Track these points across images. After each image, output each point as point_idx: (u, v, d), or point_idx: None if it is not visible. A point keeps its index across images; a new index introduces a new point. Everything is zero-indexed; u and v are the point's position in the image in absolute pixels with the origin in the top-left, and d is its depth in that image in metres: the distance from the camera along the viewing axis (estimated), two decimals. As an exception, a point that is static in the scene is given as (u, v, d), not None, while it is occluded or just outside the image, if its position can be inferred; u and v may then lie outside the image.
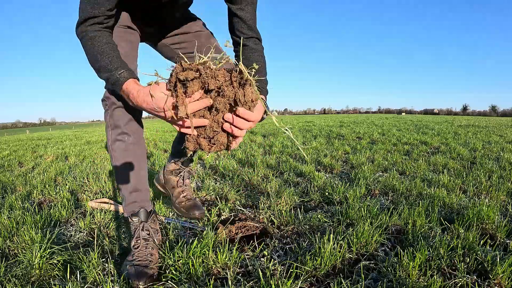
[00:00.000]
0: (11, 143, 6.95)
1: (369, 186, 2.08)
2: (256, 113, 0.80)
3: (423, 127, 7.63)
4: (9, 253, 1.25)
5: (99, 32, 0.96)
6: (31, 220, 1.50)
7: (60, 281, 1.04)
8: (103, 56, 0.93)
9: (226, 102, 0.75)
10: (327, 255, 1.08)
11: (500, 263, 1.04)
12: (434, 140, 4.64)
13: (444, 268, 1.07)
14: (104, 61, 0.93)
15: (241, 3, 1.14)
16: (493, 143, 4.29)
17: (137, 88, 0.87)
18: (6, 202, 1.85)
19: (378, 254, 1.17)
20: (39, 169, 3.08)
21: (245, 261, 1.13)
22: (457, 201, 1.74)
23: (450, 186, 2.06)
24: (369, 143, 4.56)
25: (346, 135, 5.70)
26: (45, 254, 1.14)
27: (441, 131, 6.32)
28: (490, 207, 1.51)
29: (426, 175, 2.39)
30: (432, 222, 1.44)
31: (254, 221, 1.52)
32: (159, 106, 0.79)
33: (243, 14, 1.14)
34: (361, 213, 1.49)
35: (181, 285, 0.99)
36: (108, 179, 2.41)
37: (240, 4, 1.14)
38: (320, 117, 21.16)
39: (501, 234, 1.32)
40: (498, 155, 3.29)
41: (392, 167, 2.76)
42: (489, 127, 7.62)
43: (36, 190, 2.16)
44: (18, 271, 1.07)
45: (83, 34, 0.95)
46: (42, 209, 1.73)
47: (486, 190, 1.99)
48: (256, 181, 2.21)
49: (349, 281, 0.99)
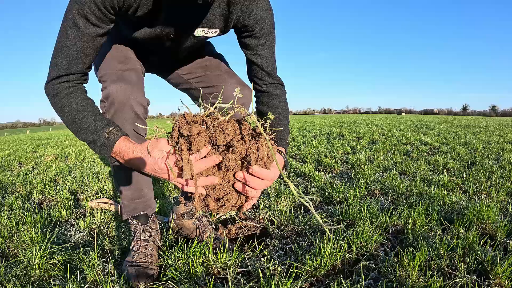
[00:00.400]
0: (11, 143, 6.95)
1: (369, 186, 2.08)
2: (273, 170, 0.72)
3: (423, 127, 7.63)
4: (9, 253, 1.25)
5: (74, 88, 0.83)
6: (31, 220, 1.50)
7: (60, 281, 1.04)
8: (84, 114, 0.80)
9: (237, 158, 0.66)
10: (327, 255, 1.08)
11: (500, 263, 1.04)
12: (434, 140, 4.64)
13: (444, 268, 1.07)
14: (87, 120, 0.80)
15: (256, 49, 1.04)
16: (493, 143, 4.29)
17: (132, 147, 0.76)
18: (6, 202, 1.85)
19: (378, 254, 1.17)
20: (39, 169, 3.08)
21: (245, 261, 1.13)
22: (457, 201, 1.74)
23: (450, 186, 2.06)
24: (369, 143, 4.56)
25: (346, 135, 5.70)
26: (45, 254, 1.14)
27: (441, 131, 6.32)
28: (490, 207, 1.51)
29: (426, 175, 2.39)
30: (432, 222, 1.44)
31: (254, 221, 1.52)
32: (160, 168, 0.69)
33: (259, 60, 1.05)
34: (361, 213, 1.49)
35: (181, 285, 0.99)
36: (108, 179, 2.41)
37: (255, 49, 1.04)
38: (320, 117, 21.16)
39: (501, 234, 1.32)
40: (498, 155, 3.29)
41: (392, 167, 2.76)
42: (489, 127, 7.62)
43: (36, 190, 2.16)
44: (18, 271, 1.07)
45: (55, 92, 0.81)
46: (42, 209, 1.73)
47: (486, 190, 1.99)
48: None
49: (349, 281, 0.99)
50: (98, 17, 0.78)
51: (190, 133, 0.64)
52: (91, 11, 0.76)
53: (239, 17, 0.98)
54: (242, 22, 0.99)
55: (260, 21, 0.99)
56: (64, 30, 0.79)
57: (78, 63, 0.81)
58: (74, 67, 0.81)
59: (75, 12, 0.76)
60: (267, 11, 1.00)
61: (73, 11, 0.77)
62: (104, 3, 0.77)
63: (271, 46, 1.06)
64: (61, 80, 0.81)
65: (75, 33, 0.78)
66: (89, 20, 0.77)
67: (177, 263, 1.08)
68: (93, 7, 0.76)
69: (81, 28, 0.78)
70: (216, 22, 0.98)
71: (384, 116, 19.24)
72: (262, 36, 1.02)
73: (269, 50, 1.05)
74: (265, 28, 1.01)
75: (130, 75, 1.02)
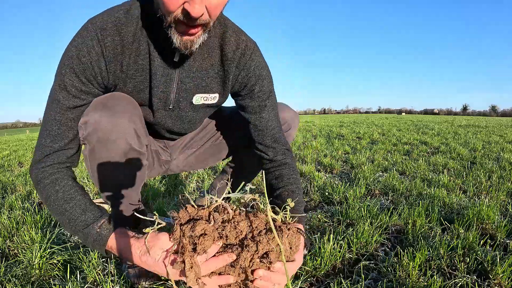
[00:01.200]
0: (11, 143, 6.95)
1: (369, 186, 2.08)
2: (298, 258, 0.65)
3: (423, 127, 7.63)
4: (9, 253, 1.25)
5: (60, 174, 0.75)
6: (31, 220, 1.49)
7: (60, 281, 1.04)
8: (72, 204, 0.72)
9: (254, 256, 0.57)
10: (327, 255, 1.08)
11: (500, 263, 1.04)
12: (434, 140, 4.64)
13: (444, 268, 1.07)
14: (75, 212, 0.71)
15: (259, 111, 0.93)
16: (493, 143, 4.29)
17: (129, 243, 0.67)
18: (6, 202, 1.85)
19: (378, 254, 1.17)
20: (39, 169, 3.07)
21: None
22: (457, 201, 1.74)
23: (450, 186, 2.06)
24: (369, 143, 4.56)
25: (346, 135, 5.70)
26: (45, 254, 1.14)
27: (441, 131, 6.32)
28: (490, 207, 1.51)
29: (426, 175, 2.39)
30: (432, 222, 1.44)
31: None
32: (163, 270, 0.61)
33: (264, 124, 0.94)
34: (361, 213, 1.49)
35: (181, 285, 0.99)
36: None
37: (258, 112, 0.93)
38: (320, 117, 21.17)
39: (501, 234, 1.32)
40: (498, 155, 3.29)
41: (392, 167, 2.76)
42: (489, 127, 7.62)
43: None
44: (18, 271, 1.07)
45: (39, 178, 0.74)
46: (42, 209, 1.73)
47: (486, 190, 1.99)
48: (256, 181, 2.21)
49: (349, 281, 0.99)
50: (78, 88, 0.75)
51: (194, 233, 0.55)
52: (71, 82, 0.74)
53: (237, 76, 0.91)
54: (241, 81, 0.92)
55: (260, 79, 0.92)
56: (47, 107, 0.76)
57: (61, 138, 0.75)
58: (58, 143, 0.75)
59: (56, 85, 0.74)
60: (265, 68, 0.94)
61: (54, 85, 0.75)
62: (84, 73, 0.74)
63: (274, 108, 0.97)
64: (45, 163, 0.75)
65: (55, 107, 0.75)
66: (69, 92, 0.74)
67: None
68: (73, 77, 0.73)
69: (61, 101, 0.74)
70: (213, 86, 0.91)
71: (384, 116, 19.25)
72: (263, 96, 0.93)
73: (272, 112, 0.96)
74: (265, 86, 0.94)
75: (119, 103, 0.79)
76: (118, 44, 0.76)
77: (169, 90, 0.87)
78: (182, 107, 0.93)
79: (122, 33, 0.75)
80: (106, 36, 0.74)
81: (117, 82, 0.81)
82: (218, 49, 0.87)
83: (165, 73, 0.83)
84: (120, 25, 0.75)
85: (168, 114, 0.93)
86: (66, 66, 0.73)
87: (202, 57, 0.85)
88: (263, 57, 0.95)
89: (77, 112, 0.77)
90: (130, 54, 0.78)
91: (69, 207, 0.72)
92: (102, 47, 0.74)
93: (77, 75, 0.73)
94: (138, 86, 0.84)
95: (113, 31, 0.74)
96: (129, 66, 0.79)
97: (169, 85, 0.86)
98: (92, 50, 0.73)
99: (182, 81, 0.86)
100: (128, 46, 0.77)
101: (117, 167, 0.79)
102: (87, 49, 0.73)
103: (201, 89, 0.90)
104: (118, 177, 0.83)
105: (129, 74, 0.81)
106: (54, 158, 0.75)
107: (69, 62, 0.73)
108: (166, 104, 0.90)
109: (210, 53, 0.86)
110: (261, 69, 0.92)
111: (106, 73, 0.77)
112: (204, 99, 0.93)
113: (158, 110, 0.91)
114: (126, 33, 0.76)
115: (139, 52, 0.79)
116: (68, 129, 0.76)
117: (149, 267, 0.65)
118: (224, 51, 0.87)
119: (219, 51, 0.87)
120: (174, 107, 0.92)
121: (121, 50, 0.77)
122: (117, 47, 0.76)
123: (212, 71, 0.89)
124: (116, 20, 0.75)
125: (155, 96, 0.86)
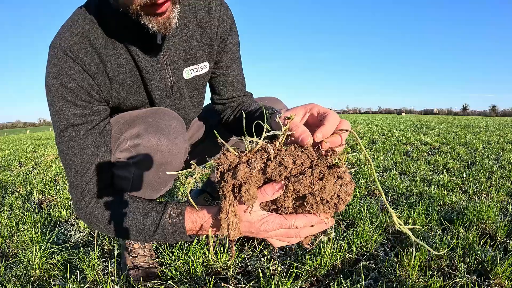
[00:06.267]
0: (11, 143, 6.96)
1: (369, 186, 2.08)
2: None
3: (423, 127, 7.62)
4: (9, 253, 1.25)
5: (102, 198, 0.74)
6: (31, 220, 1.50)
7: (60, 281, 1.04)
8: (130, 217, 0.70)
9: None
10: (327, 255, 1.08)
11: (500, 263, 1.04)
12: (434, 140, 4.64)
13: (444, 268, 1.07)
14: (138, 221, 0.69)
15: (228, 67, 0.95)
16: (493, 143, 4.29)
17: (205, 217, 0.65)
18: (6, 202, 1.85)
19: (378, 254, 1.17)
20: (39, 169, 3.08)
21: (245, 261, 1.13)
22: (457, 201, 1.74)
23: (450, 186, 2.06)
24: (369, 143, 4.56)
25: (346, 135, 5.69)
26: (45, 254, 1.14)
27: (441, 131, 6.32)
28: (490, 207, 1.51)
29: (426, 175, 2.39)
30: (432, 222, 1.44)
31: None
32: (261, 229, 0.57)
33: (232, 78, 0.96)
34: (361, 213, 1.49)
35: (181, 285, 0.99)
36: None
37: (226, 68, 0.95)
38: (320, 117, 21.11)
39: (501, 234, 1.32)
40: (498, 155, 3.29)
41: (392, 167, 2.76)
42: (489, 127, 7.62)
43: (36, 190, 2.16)
44: (18, 271, 1.07)
45: (88, 215, 0.74)
46: (42, 209, 1.73)
47: (486, 190, 1.99)
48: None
49: (349, 281, 0.99)
50: (81, 114, 0.71)
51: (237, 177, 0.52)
52: (72, 113, 0.70)
53: (218, 33, 0.89)
54: (220, 37, 0.90)
55: (232, 30, 0.91)
56: (61, 149, 0.73)
57: (88, 167, 0.73)
58: (87, 174, 0.73)
59: (58, 125, 0.71)
60: (233, 19, 0.92)
61: (58, 126, 0.71)
62: (78, 97, 0.70)
63: (241, 61, 0.98)
64: (85, 200, 0.74)
65: (71, 145, 0.72)
66: (75, 124, 0.71)
67: (177, 262, 1.08)
68: (70, 107, 0.69)
69: (73, 137, 0.72)
70: (201, 55, 0.88)
71: (384, 116, 19.24)
72: (234, 48, 0.93)
73: (240, 65, 0.98)
74: (235, 38, 0.93)
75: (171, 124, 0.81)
76: (94, 54, 0.71)
77: (165, 77, 0.83)
78: (182, 87, 0.89)
79: (92, 41, 0.71)
80: (77, 50, 0.69)
81: (111, 92, 0.78)
82: (192, 16, 0.84)
83: (154, 62, 0.79)
84: (86, 34, 0.70)
85: (172, 101, 0.90)
86: (58, 101, 0.69)
87: (180, 29, 0.81)
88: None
89: (91, 135, 0.74)
90: (109, 58, 0.74)
91: (129, 220, 0.70)
92: (79, 63, 0.69)
93: (73, 103, 0.70)
94: (132, 88, 0.80)
95: (81, 43, 0.70)
96: (114, 71, 0.75)
97: (163, 71, 0.82)
98: (72, 71, 0.69)
99: (172, 60, 0.82)
100: (104, 51, 0.73)
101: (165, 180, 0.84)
102: (67, 73, 0.68)
103: (188, 62, 0.87)
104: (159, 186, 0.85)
105: (118, 80, 0.77)
106: (89, 190, 0.74)
107: (58, 97, 0.69)
108: (167, 92, 0.86)
109: (186, 23, 0.83)
110: (231, 20, 0.91)
111: (97, 86, 0.73)
112: (195, 71, 0.89)
113: (162, 102, 0.87)
114: (96, 39, 0.71)
115: (117, 53, 0.75)
116: (90, 157, 0.74)
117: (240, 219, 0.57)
118: (197, 16, 0.84)
119: (193, 18, 0.84)
120: (175, 90, 0.88)
121: (99, 59, 0.72)
122: (93, 57, 0.71)
123: (195, 40, 0.85)
124: (79, 30, 0.70)
125: (155, 90, 0.83)
